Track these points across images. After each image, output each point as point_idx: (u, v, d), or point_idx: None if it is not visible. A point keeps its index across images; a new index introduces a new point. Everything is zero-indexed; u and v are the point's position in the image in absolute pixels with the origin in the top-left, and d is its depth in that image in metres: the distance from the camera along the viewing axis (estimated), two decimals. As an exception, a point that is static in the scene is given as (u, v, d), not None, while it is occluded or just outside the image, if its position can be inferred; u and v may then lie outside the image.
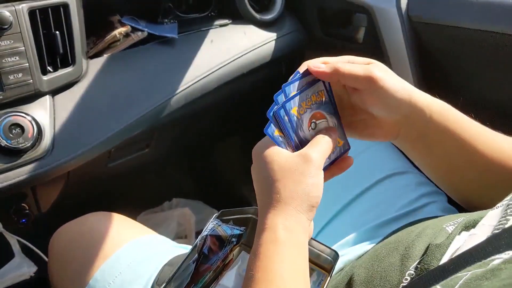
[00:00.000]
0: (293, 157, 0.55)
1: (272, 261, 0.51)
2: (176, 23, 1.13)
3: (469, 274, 0.40)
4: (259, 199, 0.57)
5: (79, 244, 0.85)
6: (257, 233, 0.55)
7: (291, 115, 0.57)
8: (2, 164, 0.84)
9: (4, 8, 0.84)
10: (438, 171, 0.70)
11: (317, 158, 0.55)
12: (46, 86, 0.91)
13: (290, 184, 0.54)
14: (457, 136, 0.63)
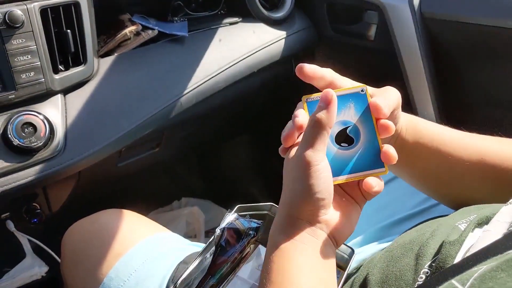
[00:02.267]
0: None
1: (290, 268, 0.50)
2: (186, 21, 1.13)
3: (484, 267, 0.40)
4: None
5: (92, 241, 0.85)
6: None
7: None
8: (15, 164, 0.84)
9: (16, 7, 0.84)
10: (420, 180, 0.71)
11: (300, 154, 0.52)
12: (58, 85, 0.91)
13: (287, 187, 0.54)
14: (429, 146, 0.64)
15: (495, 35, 0.92)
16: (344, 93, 0.56)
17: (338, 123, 0.56)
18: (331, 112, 0.52)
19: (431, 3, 1.02)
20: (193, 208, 1.51)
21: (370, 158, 0.56)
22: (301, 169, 0.51)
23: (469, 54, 1.02)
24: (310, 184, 0.50)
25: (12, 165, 0.84)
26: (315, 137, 0.51)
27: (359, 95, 0.56)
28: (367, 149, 0.56)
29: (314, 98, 0.56)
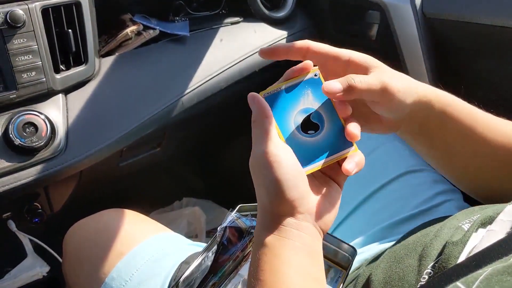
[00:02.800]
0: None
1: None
2: (187, 21, 1.13)
3: (489, 270, 0.39)
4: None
5: (94, 241, 0.85)
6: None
7: None
8: (16, 163, 0.84)
9: (17, 7, 0.84)
10: (441, 161, 0.69)
11: (255, 154, 0.52)
12: (59, 84, 0.91)
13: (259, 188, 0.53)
14: (458, 125, 0.62)
15: (497, 35, 0.92)
16: (298, 81, 0.56)
17: (300, 112, 0.56)
18: (260, 107, 0.53)
19: (433, 2, 1.02)
20: (194, 208, 1.51)
21: (338, 140, 0.56)
22: (263, 168, 0.50)
23: (471, 53, 1.02)
24: (279, 180, 0.50)
25: (14, 165, 0.84)
26: (261, 133, 0.52)
27: (314, 80, 0.56)
28: (333, 132, 0.56)
29: (271, 92, 0.56)
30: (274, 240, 0.50)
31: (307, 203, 0.52)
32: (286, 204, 0.50)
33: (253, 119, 0.53)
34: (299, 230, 0.51)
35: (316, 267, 0.51)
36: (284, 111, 0.55)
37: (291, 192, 0.50)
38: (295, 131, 0.55)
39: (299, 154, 0.54)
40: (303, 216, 0.51)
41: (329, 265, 0.68)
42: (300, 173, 0.52)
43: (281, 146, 0.52)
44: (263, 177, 0.51)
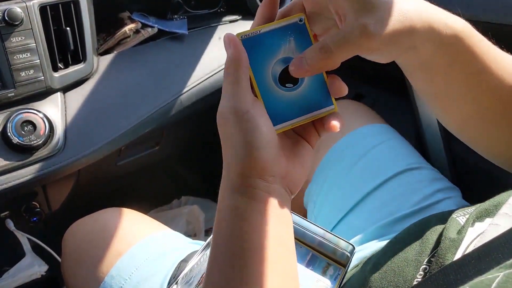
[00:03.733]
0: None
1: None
2: (185, 19, 1.13)
3: (501, 275, 0.38)
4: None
5: (93, 240, 0.85)
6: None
7: None
8: (14, 162, 0.84)
9: (15, 5, 0.83)
10: (438, 101, 0.58)
11: (222, 108, 0.48)
12: (57, 83, 0.91)
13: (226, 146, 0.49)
14: (468, 69, 0.52)
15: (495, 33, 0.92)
16: (280, 26, 0.50)
17: (279, 61, 0.50)
18: (236, 53, 0.47)
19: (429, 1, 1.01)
20: (193, 207, 1.50)
21: (318, 96, 0.51)
22: (232, 125, 0.46)
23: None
24: (249, 141, 0.46)
25: (12, 163, 0.84)
26: (233, 84, 0.47)
27: (298, 26, 0.50)
28: (313, 86, 0.51)
29: (250, 35, 0.50)
30: (242, 203, 0.47)
31: (278, 164, 0.48)
32: (256, 166, 0.47)
33: (227, 65, 0.48)
34: (269, 193, 0.48)
35: (285, 232, 0.49)
36: (262, 58, 0.50)
37: (262, 154, 0.46)
38: (272, 82, 0.50)
39: (273, 109, 0.50)
40: (273, 178, 0.48)
41: (328, 263, 0.68)
42: (272, 132, 0.48)
43: (253, 101, 0.47)
44: (232, 136, 0.47)
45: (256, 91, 0.49)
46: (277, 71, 0.50)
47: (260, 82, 0.50)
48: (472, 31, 0.51)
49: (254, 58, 0.49)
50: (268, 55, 0.50)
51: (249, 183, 0.47)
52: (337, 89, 0.51)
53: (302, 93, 0.51)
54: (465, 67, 0.52)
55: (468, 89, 0.54)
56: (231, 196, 0.48)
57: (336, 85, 0.51)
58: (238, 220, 0.47)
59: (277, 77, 0.50)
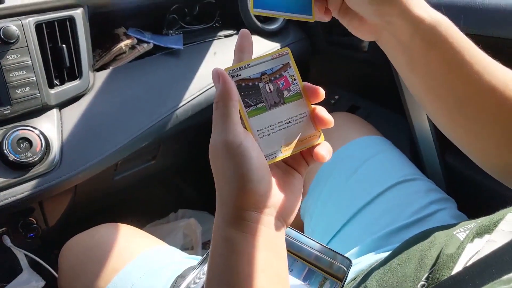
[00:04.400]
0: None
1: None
2: (181, 34, 1.14)
3: None
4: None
5: (89, 256, 0.85)
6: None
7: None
8: (11, 179, 0.84)
9: (11, 23, 0.84)
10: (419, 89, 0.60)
11: (215, 142, 0.48)
12: (53, 99, 0.91)
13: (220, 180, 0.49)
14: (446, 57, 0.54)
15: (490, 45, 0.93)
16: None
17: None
18: (225, 87, 0.48)
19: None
20: (190, 220, 1.50)
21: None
22: (225, 158, 0.46)
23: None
24: (243, 174, 0.46)
25: (8, 180, 0.84)
26: (224, 118, 0.47)
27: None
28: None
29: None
30: (237, 235, 0.47)
31: (272, 196, 0.49)
32: (250, 199, 0.47)
33: (216, 99, 0.48)
34: (264, 225, 0.48)
35: (280, 264, 0.49)
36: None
37: (256, 186, 0.47)
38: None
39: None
40: (268, 210, 0.48)
41: (324, 277, 0.68)
42: (264, 164, 0.48)
43: (245, 135, 0.48)
44: (225, 169, 0.47)
45: (246, 123, 0.50)
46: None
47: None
48: (450, 24, 0.54)
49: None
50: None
51: (243, 216, 0.47)
52: (321, 120, 0.53)
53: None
54: (443, 55, 0.54)
55: (447, 78, 0.55)
56: (225, 228, 0.48)
57: (320, 114, 0.53)
58: (232, 253, 0.47)
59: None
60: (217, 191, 0.49)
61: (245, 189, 0.46)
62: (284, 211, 0.50)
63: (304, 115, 0.53)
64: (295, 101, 0.53)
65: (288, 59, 0.53)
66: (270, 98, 0.52)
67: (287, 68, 0.53)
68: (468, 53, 0.54)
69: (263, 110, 0.51)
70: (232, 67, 0.51)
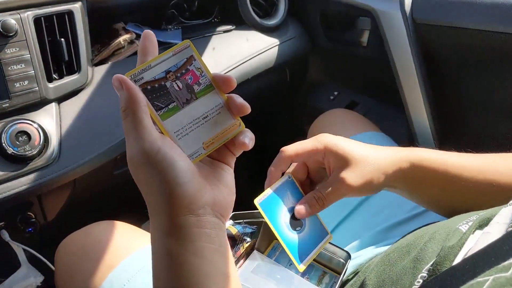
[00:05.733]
0: None
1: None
2: (180, 29, 1.14)
3: (490, 279, 0.38)
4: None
5: (85, 254, 0.84)
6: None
7: None
8: (9, 172, 0.84)
9: (10, 16, 0.84)
10: (428, 206, 0.73)
11: (132, 155, 0.45)
12: (52, 93, 0.91)
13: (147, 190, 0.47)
14: (436, 183, 0.66)
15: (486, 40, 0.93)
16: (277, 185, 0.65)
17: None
18: (129, 92, 0.45)
19: (423, 9, 1.03)
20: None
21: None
22: (148, 167, 0.44)
23: (461, 58, 1.03)
24: (170, 179, 0.44)
25: (7, 174, 0.84)
26: (134, 125, 0.44)
27: (289, 182, 0.66)
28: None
29: (264, 196, 0.63)
30: (176, 246, 0.45)
31: (204, 194, 0.47)
32: (182, 203, 0.45)
33: (124, 108, 0.45)
34: (201, 227, 0.46)
35: (224, 262, 0.48)
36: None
37: (186, 189, 0.45)
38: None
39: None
40: (203, 210, 0.46)
41: (324, 271, 0.68)
42: (189, 165, 0.46)
43: (162, 139, 0.45)
44: (148, 179, 0.45)
45: (161, 127, 0.48)
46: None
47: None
48: (424, 154, 0.66)
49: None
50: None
51: (179, 223, 0.45)
52: (237, 107, 0.50)
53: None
54: (434, 186, 0.66)
55: (444, 198, 0.68)
56: (163, 241, 0.46)
57: (235, 104, 0.50)
58: (174, 266, 0.45)
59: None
60: (147, 205, 0.47)
61: (175, 194, 0.44)
62: (219, 207, 0.48)
63: (219, 106, 0.50)
64: (208, 94, 0.50)
65: (191, 51, 0.50)
66: (181, 96, 0.49)
67: (192, 62, 0.50)
68: (452, 168, 0.65)
69: (176, 110, 0.48)
70: (133, 71, 0.48)
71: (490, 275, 0.39)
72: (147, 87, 0.48)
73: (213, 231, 0.47)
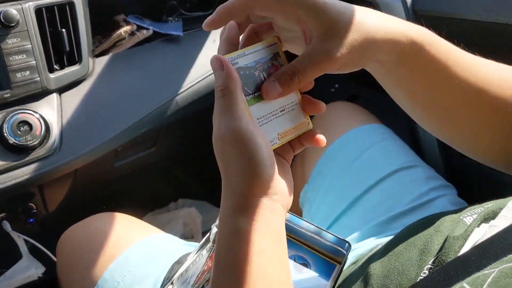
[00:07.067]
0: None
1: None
2: (181, 21, 1.14)
3: (496, 271, 0.39)
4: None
5: (86, 245, 0.85)
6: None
7: None
8: (10, 162, 0.84)
9: (11, 6, 0.84)
10: (410, 107, 0.62)
11: (224, 131, 0.46)
12: (53, 84, 0.91)
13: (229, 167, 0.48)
14: (430, 77, 0.55)
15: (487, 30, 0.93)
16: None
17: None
18: (230, 74, 0.47)
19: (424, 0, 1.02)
20: (190, 209, 1.50)
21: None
22: (236, 145, 0.46)
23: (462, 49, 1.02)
24: (256, 160, 0.46)
25: (8, 164, 0.84)
26: (231, 104, 0.46)
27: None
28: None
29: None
30: (247, 225, 0.46)
31: (280, 181, 0.49)
32: (264, 184, 0.47)
33: (221, 87, 0.47)
34: (272, 212, 0.48)
35: (284, 251, 0.49)
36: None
37: (269, 172, 0.47)
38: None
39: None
40: (277, 196, 0.48)
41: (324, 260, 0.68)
42: (271, 151, 0.49)
43: (252, 122, 0.48)
44: (236, 157, 0.46)
45: (247, 111, 0.50)
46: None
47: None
48: (434, 39, 0.55)
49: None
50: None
51: (255, 203, 0.47)
52: (311, 106, 0.54)
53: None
54: (427, 74, 0.55)
55: (433, 93, 0.57)
56: (235, 218, 0.47)
57: (310, 103, 0.54)
58: (240, 243, 0.46)
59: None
60: (224, 181, 0.49)
61: (260, 175, 0.46)
62: (286, 197, 0.50)
63: (294, 103, 0.54)
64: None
65: (277, 48, 0.54)
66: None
67: (277, 58, 0.54)
68: (454, 63, 0.55)
69: (260, 98, 0.52)
70: (231, 55, 0.50)
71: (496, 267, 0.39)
72: (240, 72, 0.50)
73: (279, 220, 0.49)
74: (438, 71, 0.54)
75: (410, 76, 0.55)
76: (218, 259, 0.48)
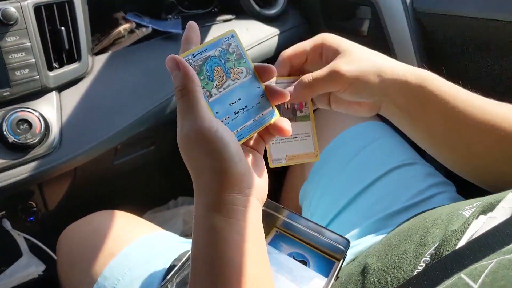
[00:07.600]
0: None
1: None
2: (180, 19, 1.14)
3: (494, 262, 0.39)
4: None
5: (86, 243, 0.85)
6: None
7: None
8: (10, 160, 0.84)
9: (10, 4, 0.84)
10: (426, 141, 0.66)
11: (188, 130, 0.47)
12: (53, 82, 0.91)
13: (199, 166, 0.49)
14: (437, 104, 0.60)
15: (486, 28, 0.93)
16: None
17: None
18: (187, 73, 0.47)
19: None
20: (190, 207, 1.51)
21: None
22: (204, 144, 0.46)
23: (461, 47, 1.02)
24: (225, 157, 0.46)
25: (8, 162, 0.84)
26: (191, 104, 0.47)
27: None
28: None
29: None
30: (221, 222, 0.47)
31: (251, 175, 0.49)
32: (235, 180, 0.47)
33: (180, 87, 0.47)
34: (246, 207, 0.48)
35: (261, 247, 0.50)
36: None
37: (238, 167, 0.47)
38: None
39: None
40: (249, 190, 0.49)
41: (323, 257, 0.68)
42: (239, 146, 0.49)
43: (216, 119, 0.48)
44: (204, 155, 0.47)
45: (207, 107, 0.50)
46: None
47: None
48: (434, 78, 0.61)
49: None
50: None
51: (227, 200, 0.47)
52: (274, 95, 0.55)
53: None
54: (438, 106, 0.60)
55: (445, 126, 0.62)
56: (209, 216, 0.48)
57: (272, 92, 0.55)
58: (217, 241, 0.47)
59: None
60: (195, 180, 0.49)
61: (229, 171, 0.47)
62: (259, 190, 0.51)
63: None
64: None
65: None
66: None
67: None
68: (459, 99, 0.60)
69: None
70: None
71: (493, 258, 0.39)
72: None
73: (255, 213, 0.49)
74: (446, 102, 0.60)
75: (422, 108, 0.61)
76: (195, 256, 0.48)
